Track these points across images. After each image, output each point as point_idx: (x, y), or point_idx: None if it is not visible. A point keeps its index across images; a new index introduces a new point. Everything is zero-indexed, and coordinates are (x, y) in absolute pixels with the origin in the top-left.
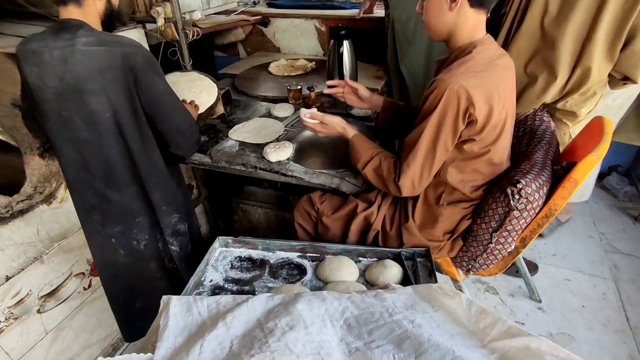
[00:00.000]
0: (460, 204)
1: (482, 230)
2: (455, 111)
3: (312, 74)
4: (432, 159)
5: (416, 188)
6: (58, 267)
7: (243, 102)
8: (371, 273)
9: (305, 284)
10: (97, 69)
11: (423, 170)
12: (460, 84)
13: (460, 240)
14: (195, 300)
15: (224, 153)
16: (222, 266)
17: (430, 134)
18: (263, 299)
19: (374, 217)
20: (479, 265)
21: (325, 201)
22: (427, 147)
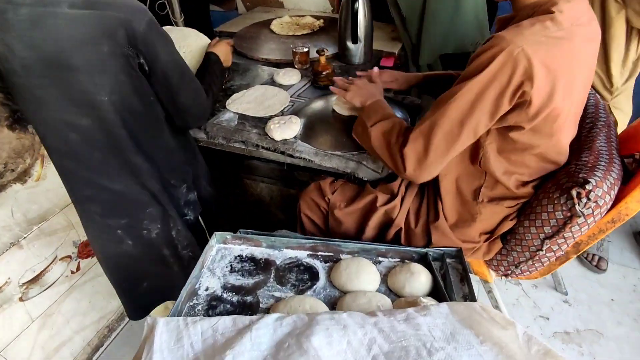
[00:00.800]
0: (504, 202)
1: (531, 235)
2: (505, 83)
3: (320, 33)
4: (453, 141)
5: (423, 168)
6: (40, 251)
7: (242, 65)
8: (395, 280)
9: (318, 292)
10: (87, 39)
11: (436, 149)
12: (523, 48)
13: (499, 241)
14: (186, 326)
15: (221, 128)
16: (219, 269)
17: (463, 106)
18: (270, 325)
19: (396, 212)
20: (521, 272)
21: (337, 190)
22: (453, 121)
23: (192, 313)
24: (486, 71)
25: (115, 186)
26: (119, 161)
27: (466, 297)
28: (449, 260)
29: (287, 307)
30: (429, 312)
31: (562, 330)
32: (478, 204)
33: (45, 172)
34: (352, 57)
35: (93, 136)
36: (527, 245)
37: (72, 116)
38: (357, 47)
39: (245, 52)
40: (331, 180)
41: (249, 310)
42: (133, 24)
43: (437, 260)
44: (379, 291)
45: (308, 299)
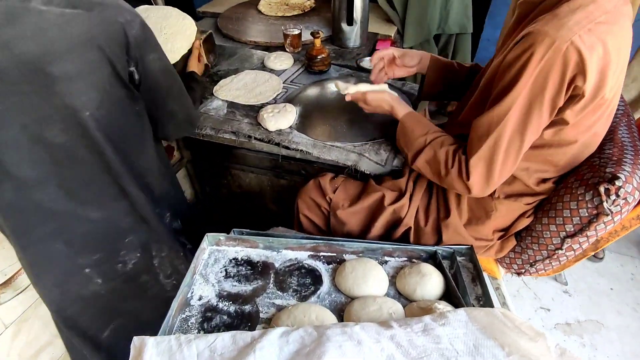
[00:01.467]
0: (522, 199)
1: (550, 233)
2: (559, 80)
3: (310, 14)
4: (519, 147)
5: (491, 186)
6: (10, 253)
7: (229, 49)
8: (405, 283)
9: (323, 298)
10: (70, 43)
11: (505, 163)
12: (572, 42)
13: (513, 239)
14: (180, 346)
15: (209, 117)
16: (213, 275)
17: (519, 115)
18: (274, 343)
19: (405, 210)
20: (535, 270)
21: (339, 188)
22: (513, 132)
23: (185, 327)
24: (537, 74)
25: (92, 214)
26: (100, 184)
27: (479, 299)
28: (460, 258)
29: (290, 318)
30: (447, 321)
31: (564, 322)
32: (494, 200)
33: None
34: (346, 40)
35: (71, 155)
36: (545, 243)
37: (45, 131)
38: (352, 29)
39: (232, 35)
40: (331, 176)
41: (248, 321)
42: (125, 27)
43: (446, 259)
44: (387, 295)
45: (313, 308)
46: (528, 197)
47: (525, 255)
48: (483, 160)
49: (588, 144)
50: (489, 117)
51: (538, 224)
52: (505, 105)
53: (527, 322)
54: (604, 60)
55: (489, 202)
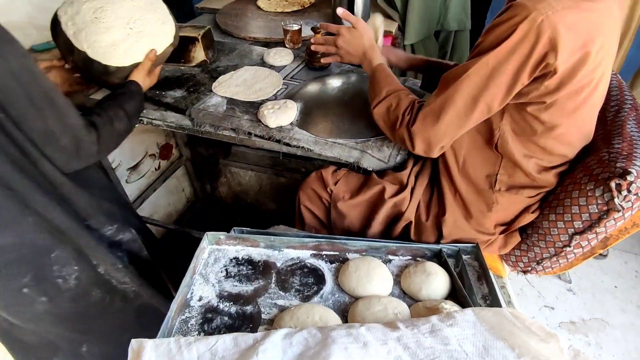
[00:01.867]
0: (524, 191)
1: (557, 230)
2: (526, 55)
3: (310, 10)
4: (467, 116)
5: (431, 145)
6: None
7: (228, 45)
8: (410, 282)
9: (326, 297)
10: None
11: (449, 124)
12: (548, 16)
13: (517, 235)
14: (179, 349)
15: (208, 114)
16: (214, 274)
17: (477, 80)
18: (278, 345)
19: (406, 204)
20: (543, 269)
21: (340, 180)
22: (468, 95)
23: (185, 329)
24: (505, 43)
25: (3, 240)
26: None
27: (486, 298)
28: (465, 257)
29: (293, 319)
30: (454, 322)
31: (568, 320)
32: (495, 193)
33: None
34: None
35: None
36: (553, 240)
37: None
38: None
39: (230, 31)
40: (334, 169)
41: (250, 322)
42: None
43: (451, 257)
44: (392, 294)
45: (317, 308)
46: (530, 189)
47: (532, 253)
48: (431, 114)
49: (579, 131)
50: (452, 74)
51: (545, 221)
52: (469, 66)
53: (537, 322)
54: (583, 39)
55: (489, 195)
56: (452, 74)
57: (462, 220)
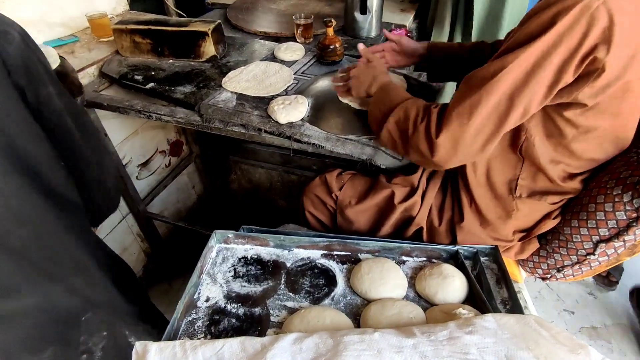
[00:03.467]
0: (547, 198)
1: (581, 237)
2: (574, 47)
3: (322, 4)
4: (500, 121)
5: (458, 154)
6: None
7: (238, 40)
8: (426, 285)
9: (337, 300)
10: None
11: (477, 132)
12: (605, 2)
13: (536, 241)
14: (185, 353)
15: (217, 110)
16: (221, 274)
17: (515, 77)
18: (287, 351)
19: (417, 208)
20: (563, 276)
21: (345, 185)
22: (504, 94)
23: (192, 331)
24: (551, 32)
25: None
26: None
27: (506, 302)
28: (483, 259)
29: (303, 322)
30: (474, 329)
31: (589, 325)
32: (515, 199)
33: None
34: (360, 30)
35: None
36: (575, 248)
37: None
38: (365, 18)
39: (241, 26)
40: (338, 172)
41: (258, 325)
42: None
43: (468, 259)
44: (406, 297)
45: (328, 312)
46: (553, 195)
47: (552, 259)
48: (460, 118)
49: (615, 136)
50: (483, 72)
51: (566, 227)
52: (506, 61)
53: (564, 331)
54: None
55: (509, 201)
56: (482, 71)
57: (477, 227)
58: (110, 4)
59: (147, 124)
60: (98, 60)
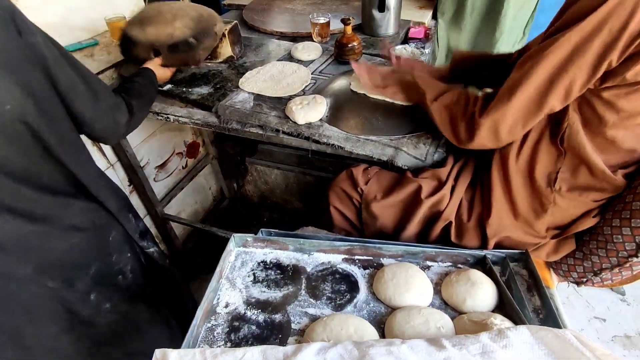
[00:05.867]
0: (589, 194)
1: (622, 237)
2: (619, 28)
3: (338, 3)
4: (540, 101)
5: (499, 136)
6: None
7: (255, 40)
8: (453, 293)
9: (360, 307)
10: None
11: (518, 110)
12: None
13: (572, 241)
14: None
15: (234, 111)
16: (241, 279)
17: (556, 59)
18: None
19: (445, 202)
20: (601, 280)
21: (371, 179)
22: (544, 75)
23: (211, 338)
24: (594, 14)
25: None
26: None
27: (538, 312)
28: (512, 264)
29: (326, 330)
30: (509, 342)
31: (622, 334)
32: (554, 192)
33: None
34: (377, 28)
35: None
36: (616, 249)
37: None
38: (383, 16)
39: (257, 26)
40: (365, 167)
41: (279, 332)
42: None
43: (496, 264)
44: (432, 305)
45: (351, 320)
46: (595, 192)
47: (589, 262)
48: (501, 98)
49: None
50: (528, 55)
51: (607, 227)
52: (548, 44)
53: (612, 353)
54: None
55: (547, 194)
56: (527, 55)
57: (508, 219)
58: (129, 6)
59: (164, 126)
60: (116, 62)
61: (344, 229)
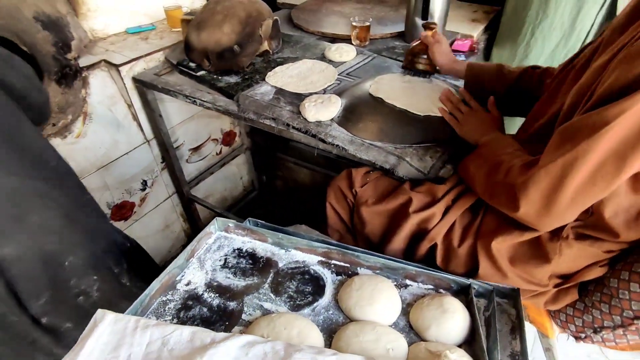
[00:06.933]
0: (601, 244)
1: (629, 294)
2: None
3: (387, 8)
4: (609, 180)
5: (550, 218)
6: None
7: (295, 38)
8: (420, 316)
9: (318, 312)
10: None
11: (575, 199)
12: None
13: (575, 291)
14: (135, 330)
15: (253, 101)
16: (211, 262)
17: (626, 131)
18: (231, 353)
19: (433, 222)
20: (601, 340)
21: (369, 183)
22: (608, 153)
23: (161, 311)
24: None
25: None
26: None
27: (515, 357)
28: (499, 299)
29: (270, 326)
30: None
31: None
32: (560, 240)
33: (86, 130)
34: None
35: None
36: (620, 306)
37: None
38: None
39: (301, 25)
40: (367, 170)
41: (228, 319)
42: None
43: (482, 296)
44: (396, 325)
45: (299, 322)
46: (609, 243)
47: (589, 315)
48: (549, 178)
49: None
50: (581, 123)
51: (614, 278)
52: (612, 113)
53: None
54: None
55: (551, 244)
56: (578, 124)
57: (505, 262)
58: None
59: (203, 111)
60: (165, 47)
61: (337, 230)
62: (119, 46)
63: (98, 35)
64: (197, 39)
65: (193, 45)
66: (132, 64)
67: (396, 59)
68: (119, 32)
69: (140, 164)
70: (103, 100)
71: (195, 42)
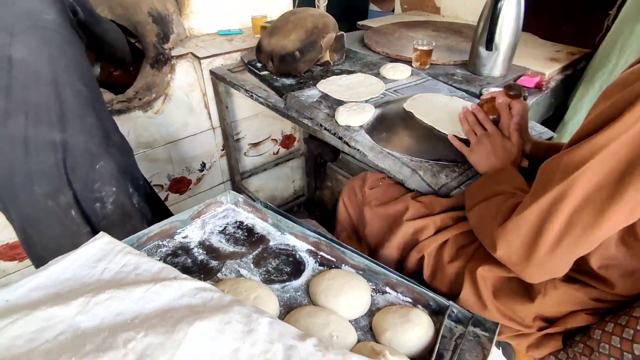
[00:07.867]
0: (590, 291)
1: (609, 349)
2: None
3: (460, 38)
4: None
5: (529, 262)
6: None
7: (360, 55)
8: (380, 320)
9: (287, 290)
10: None
11: (561, 241)
12: None
13: (559, 339)
14: (118, 252)
15: (297, 101)
16: (212, 225)
17: (614, 165)
18: (181, 289)
19: (425, 234)
20: None
21: (379, 187)
22: (589, 194)
23: (153, 252)
24: None
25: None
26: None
27: None
28: (476, 329)
29: (233, 287)
30: None
31: None
32: (546, 282)
33: (164, 109)
34: (481, 67)
35: None
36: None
37: None
38: (490, 55)
39: (369, 44)
40: (383, 176)
41: (204, 274)
42: None
43: (459, 322)
44: (356, 322)
45: (261, 290)
46: (599, 291)
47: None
48: (528, 224)
49: None
50: (558, 161)
51: (599, 329)
52: (593, 146)
53: None
54: None
55: (538, 283)
56: (557, 161)
57: (488, 293)
58: (280, 7)
59: (267, 111)
60: (244, 49)
61: (345, 227)
62: (207, 44)
63: (194, 33)
64: (267, 42)
65: (263, 48)
66: (212, 59)
67: (451, 84)
68: (211, 33)
69: (203, 147)
70: (183, 86)
71: (265, 45)
